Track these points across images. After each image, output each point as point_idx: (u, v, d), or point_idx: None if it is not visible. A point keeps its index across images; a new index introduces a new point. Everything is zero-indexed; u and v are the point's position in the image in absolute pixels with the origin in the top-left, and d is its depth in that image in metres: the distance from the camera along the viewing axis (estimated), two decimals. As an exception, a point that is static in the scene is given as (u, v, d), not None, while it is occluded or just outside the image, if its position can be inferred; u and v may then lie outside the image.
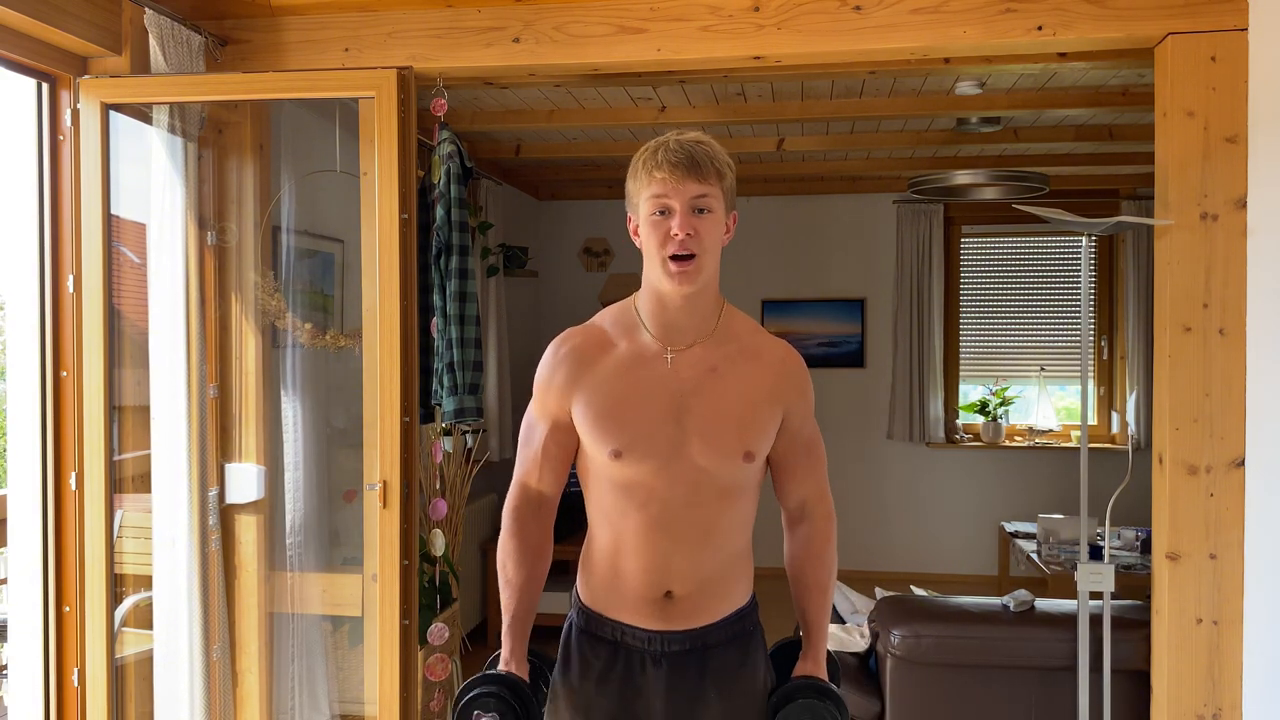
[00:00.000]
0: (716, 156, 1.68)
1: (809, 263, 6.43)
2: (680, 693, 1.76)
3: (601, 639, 1.80)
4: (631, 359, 1.74)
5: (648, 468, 1.71)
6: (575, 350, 1.77)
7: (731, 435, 1.71)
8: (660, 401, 1.71)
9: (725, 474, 1.72)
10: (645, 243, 1.70)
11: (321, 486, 3.35)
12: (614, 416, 1.71)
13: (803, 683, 1.82)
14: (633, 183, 1.71)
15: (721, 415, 1.71)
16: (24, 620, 2.72)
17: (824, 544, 1.87)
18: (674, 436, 1.70)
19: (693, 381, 1.72)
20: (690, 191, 1.65)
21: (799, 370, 1.80)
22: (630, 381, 1.73)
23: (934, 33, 2.66)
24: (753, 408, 1.73)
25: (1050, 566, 4.56)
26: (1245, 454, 2.57)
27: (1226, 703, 2.59)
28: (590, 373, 1.75)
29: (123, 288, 2.90)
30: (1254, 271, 2.56)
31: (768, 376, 1.76)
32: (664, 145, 1.67)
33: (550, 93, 3.99)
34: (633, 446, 1.70)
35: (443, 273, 2.92)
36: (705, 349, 1.74)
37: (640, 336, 1.75)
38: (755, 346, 1.78)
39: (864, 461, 6.38)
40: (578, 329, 1.82)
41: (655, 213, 1.67)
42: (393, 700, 2.72)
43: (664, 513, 1.72)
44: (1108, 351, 6.33)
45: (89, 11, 2.61)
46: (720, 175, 1.68)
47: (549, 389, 1.78)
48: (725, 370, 1.73)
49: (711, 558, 1.76)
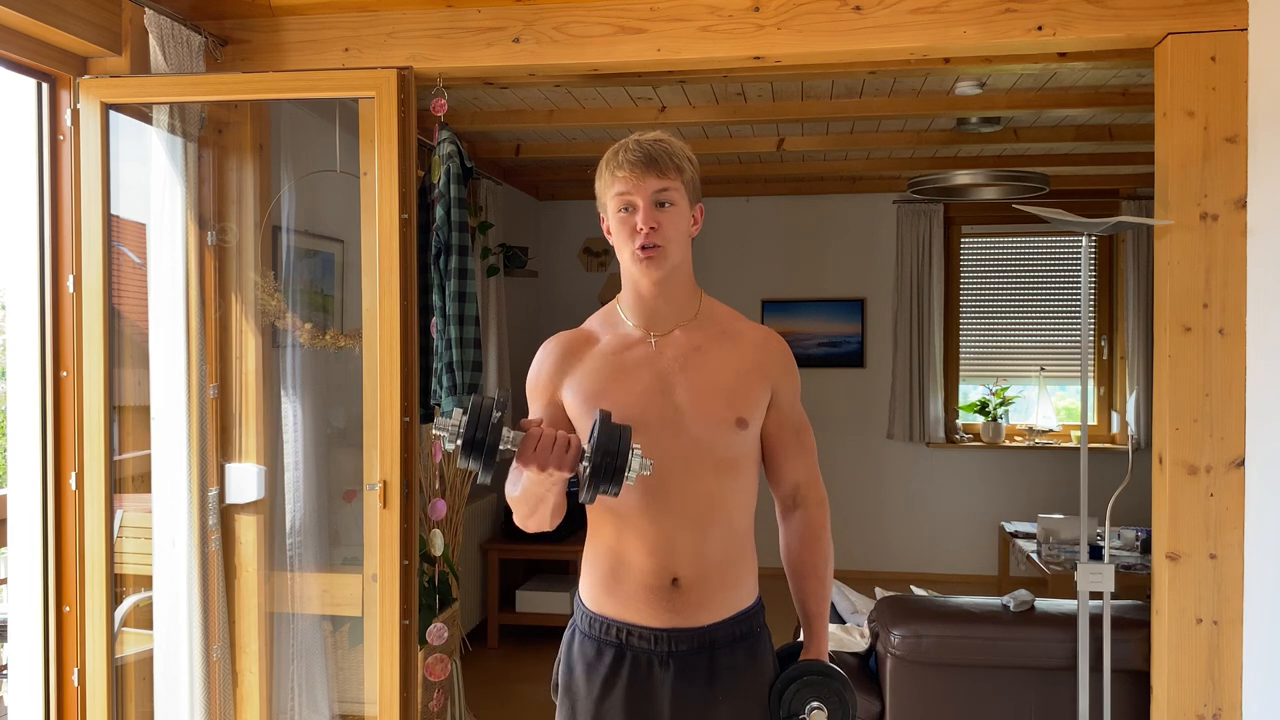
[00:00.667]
0: (675, 152, 1.75)
1: (809, 263, 6.43)
2: (688, 695, 1.75)
3: (606, 641, 1.79)
4: (616, 346, 1.81)
5: (640, 443, 1.71)
6: (561, 345, 1.86)
7: (721, 402, 1.75)
8: (647, 379, 1.77)
9: (720, 443, 1.75)
10: (615, 239, 1.78)
11: (321, 486, 3.35)
12: (600, 394, 1.77)
13: (806, 664, 1.82)
14: (599, 184, 1.79)
15: (709, 385, 1.76)
16: (24, 620, 2.73)
17: (819, 529, 1.89)
18: (664, 410, 1.75)
19: (678, 360, 1.78)
20: (651, 187, 1.72)
21: (782, 350, 1.85)
22: (616, 364, 1.79)
23: (934, 33, 2.66)
24: (739, 377, 1.78)
25: (1050, 566, 4.56)
26: (1245, 454, 2.57)
27: (1226, 703, 2.59)
28: (577, 362, 1.82)
29: (123, 288, 2.90)
30: (1254, 271, 2.56)
31: (752, 353, 1.82)
32: (624, 147, 1.75)
33: (550, 93, 4.00)
34: (623, 421, 1.71)
35: (442, 273, 2.92)
36: (686, 332, 1.81)
37: (622, 328, 1.83)
38: (736, 330, 1.84)
39: (864, 461, 6.38)
40: (565, 332, 1.89)
41: (621, 209, 1.75)
42: (393, 700, 2.72)
43: (662, 488, 1.73)
44: (1108, 351, 6.33)
45: (89, 11, 2.61)
46: (679, 170, 1.75)
47: (537, 383, 1.85)
48: (708, 348, 1.79)
49: (715, 536, 1.76)
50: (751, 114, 4.19)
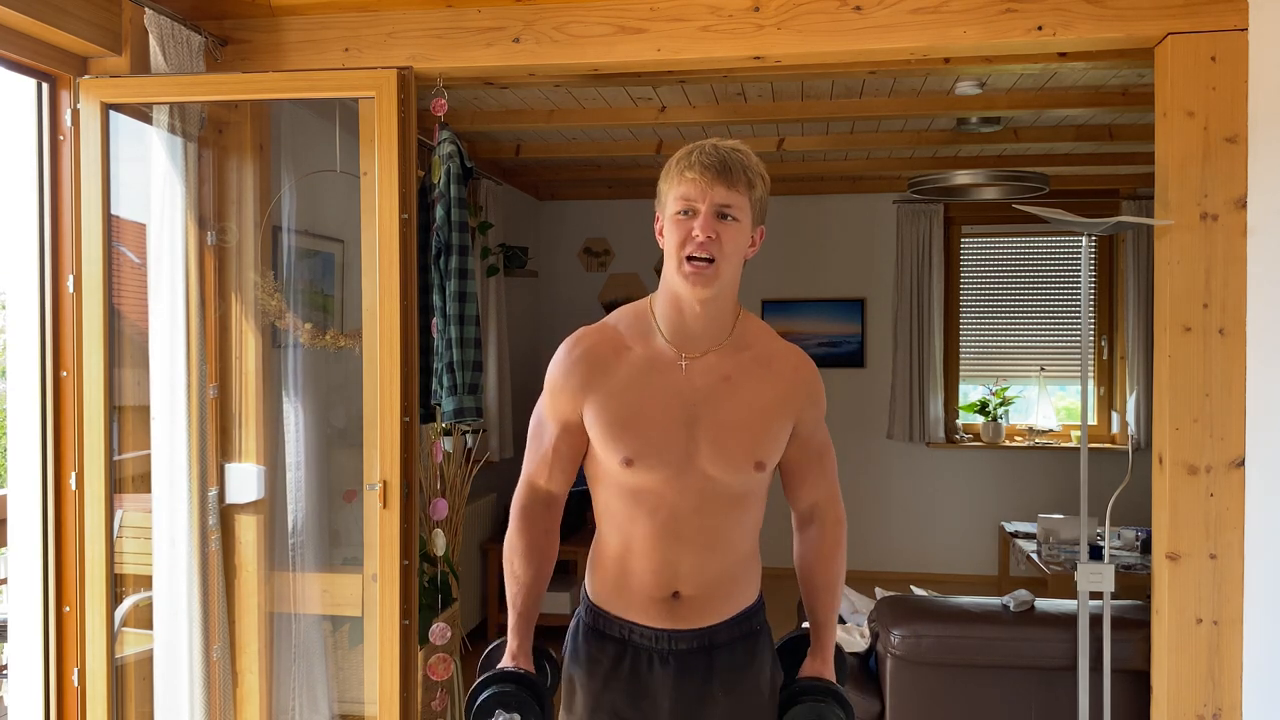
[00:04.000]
0: (750, 166, 1.68)
1: (809, 263, 6.43)
2: (687, 691, 1.77)
3: (609, 636, 1.81)
4: (646, 365, 1.74)
5: (658, 476, 1.71)
6: (589, 353, 1.76)
7: (743, 446, 1.72)
8: (673, 411, 1.71)
9: (735, 483, 1.73)
10: (666, 241, 1.70)
11: (321, 486, 3.35)
12: (627, 425, 1.71)
13: (809, 684, 1.83)
14: (664, 182, 1.72)
15: (733, 425, 1.71)
16: (24, 620, 2.72)
17: (834, 547, 1.89)
18: (685, 446, 1.71)
19: (706, 390, 1.72)
20: (718, 196, 1.65)
21: (812, 379, 1.80)
22: (644, 389, 1.72)
23: (934, 33, 2.66)
24: (764, 417, 1.73)
25: (1050, 566, 4.55)
26: (1245, 454, 2.57)
27: (1226, 703, 2.59)
28: (604, 378, 1.74)
29: (123, 288, 2.90)
30: (1254, 271, 2.56)
31: (780, 385, 1.76)
32: (700, 148, 1.68)
33: (550, 93, 3.99)
34: (644, 455, 1.70)
35: (443, 273, 2.91)
36: (719, 356, 1.74)
37: (655, 341, 1.75)
38: (769, 354, 1.78)
39: (864, 461, 6.38)
40: (592, 329, 1.81)
41: (679, 212, 1.67)
42: (393, 700, 2.72)
43: (672, 519, 1.73)
44: (1108, 351, 6.33)
45: (89, 11, 2.61)
46: (750, 185, 1.68)
47: (562, 391, 1.78)
48: (738, 379, 1.73)
49: (719, 561, 1.77)
50: (751, 114, 4.19)
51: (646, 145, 5.00)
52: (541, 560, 1.85)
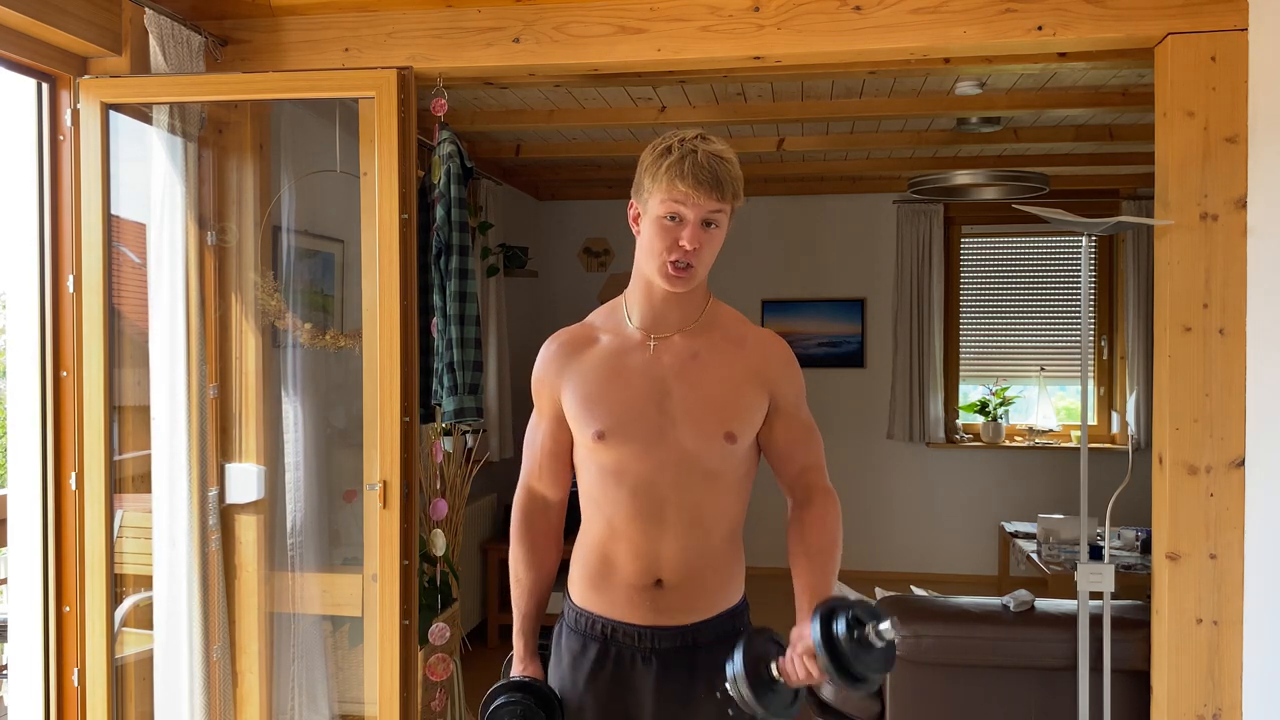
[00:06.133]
0: (737, 178, 1.72)
1: (809, 263, 6.43)
2: (670, 690, 1.78)
3: (591, 637, 1.82)
4: (615, 348, 1.81)
5: (631, 450, 1.74)
6: (562, 346, 1.85)
7: (713, 415, 1.75)
8: (642, 386, 1.76)
9: (710, 456, 1.75)
10: (647, 240, 1.73)
11: (321, 486, 3.35)
12: (598, 400, 1.77)
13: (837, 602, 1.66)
14: (649, 180, 1.72)
15: (703, 397, 1.75)
16: (24, 620, 2.72)
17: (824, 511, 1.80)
18: (657, 419, 1.74)
19: (674, 367, 1.77)
20: (708, 207, 1.69)
21: (783, 353, 1.83)
22: (613, 368, 1.79)
23: (934, 33, 2.66)
24: (734, 389, 1.77)
25: (1050, 566, 4.55)
26: (1245, 454, 2.57)
27: (1226, 703, 2.59)
28: (576, 363, 1.82)
29: (123, 288, 2.90)
30: (1254, 271, 2.56)
31: (750, 359, 1.79)
32: (692, 156, 1.67)
33: (550, 93, 3.99)
34: (616, 428, 1.75)
35: (443, 273, 2.92)
36: (687, 337, 1.79)
37: (625, 328, 1.82)
38: (739, 334, 1.83)
39: (864, 461, 6.38)
40: (568, 328, 1.89)
41: (667, 217, 1.70)
42: (393, 700, 2.72)
43: (651, 499, 1.74)
44: (1108, 351, 6.33)
45: (89, 11, 2.61)
46: (735, 196, 1.72)
47: (541, 384, 1.86)
48: (707, 356, 1.78)
49: (699, 543, 1.77)
50: (751, 114, 4.19)
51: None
52: (542, 564, 1.91)
